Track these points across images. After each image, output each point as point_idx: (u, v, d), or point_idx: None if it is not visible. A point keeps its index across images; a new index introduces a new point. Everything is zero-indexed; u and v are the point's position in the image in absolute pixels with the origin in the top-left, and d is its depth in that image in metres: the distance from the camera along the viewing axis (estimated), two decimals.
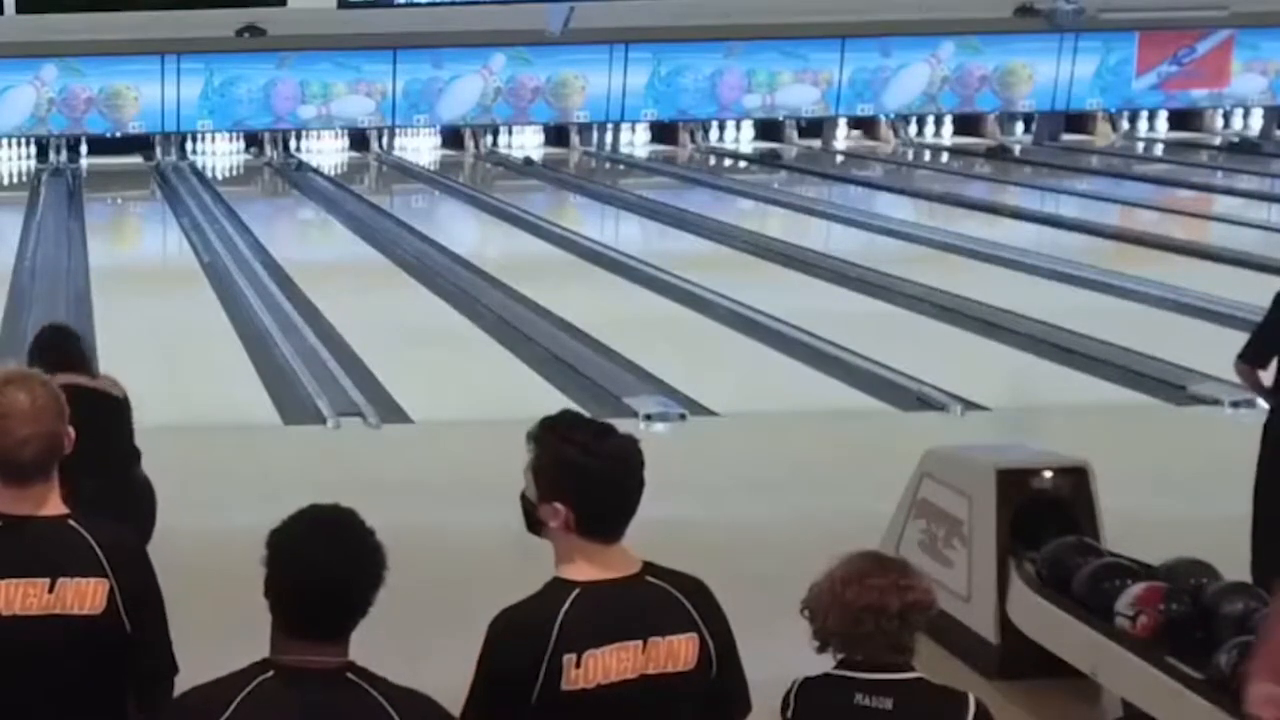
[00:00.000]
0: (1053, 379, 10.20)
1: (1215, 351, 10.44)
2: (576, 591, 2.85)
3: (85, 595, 2.95)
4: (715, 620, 2.94)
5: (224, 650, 4.53)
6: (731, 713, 3.01)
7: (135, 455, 5.66)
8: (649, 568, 2.93)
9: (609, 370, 10.31)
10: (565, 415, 3.01)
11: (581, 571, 2.88)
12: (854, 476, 8.03)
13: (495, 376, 10.43)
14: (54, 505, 3.04)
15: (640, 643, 2.84)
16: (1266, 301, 6.28)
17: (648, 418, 8.98)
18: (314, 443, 8.81)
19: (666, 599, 2.90)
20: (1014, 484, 5.52)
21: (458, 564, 6.69)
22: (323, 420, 9.19)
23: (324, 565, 2.61)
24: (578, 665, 2.80)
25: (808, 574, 3.21)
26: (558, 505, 2.88)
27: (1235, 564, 5.01)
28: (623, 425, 3.00)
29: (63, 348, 5.48)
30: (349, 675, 2.62)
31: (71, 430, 3.08)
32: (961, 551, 5.59)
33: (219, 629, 4.63)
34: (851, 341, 10.54)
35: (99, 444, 4.83)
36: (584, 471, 2.86)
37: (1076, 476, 5.54)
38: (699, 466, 7.87)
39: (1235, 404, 9.33)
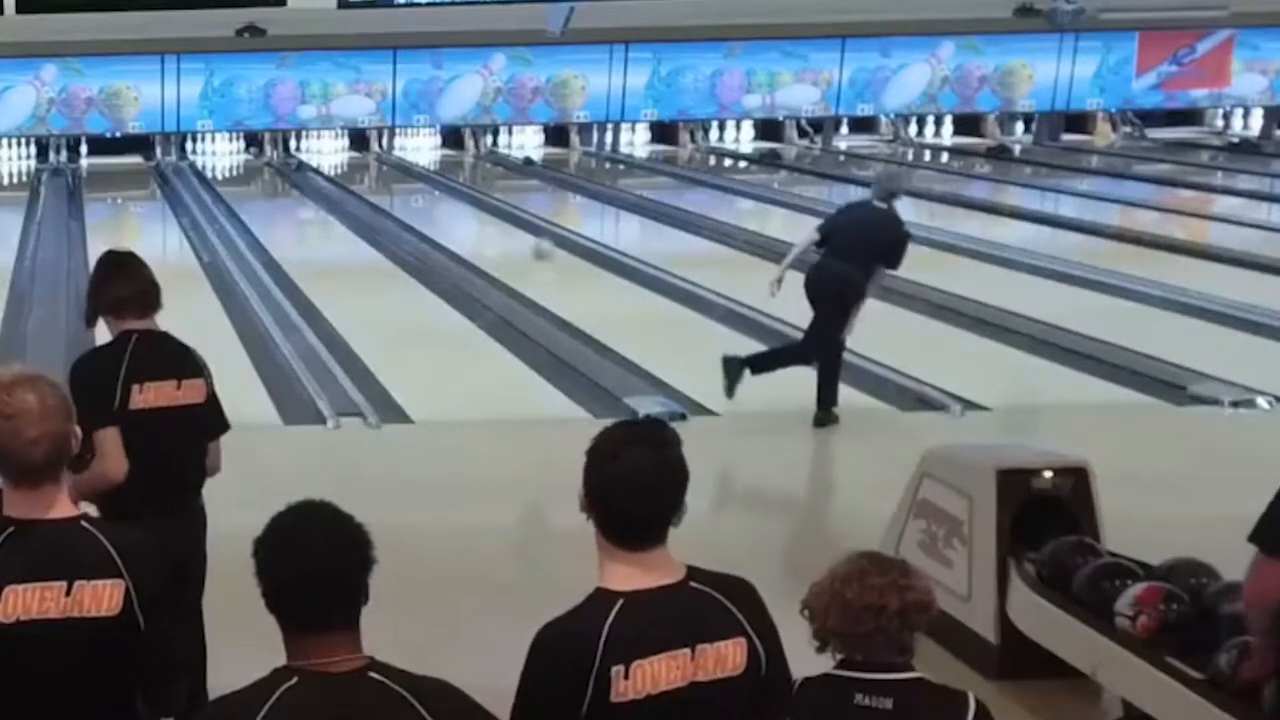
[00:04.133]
0: (1053, 379, 10.20)
1: (1215, 351, 10.49)
2: (621, 602, 2.82)
3: (102, 597, 2.95)
4: (762, 621, 2.92)
5: (224, 649, 4.54)
6: (777, 710, 3.00)
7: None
8: (693, 573, 2.91)
9: (609, 370, 10.31)
10: (633, 420, 3.02)
11: (622, 580, 2.86)
12: (854, 476, 8.04)
13: (495, 376, 10.43)
14: (64, 507, 3.04)
15: (689, 650, 2.82)
16: (1267, 302, 6.29)
17: (647, 418, 8.97)
18: (314, 443, 8.81)
19: (713, 605, 2.88)
20: (1014, 484, 5.52)
21: (457, 564, 6.69)
22: (323, 420, 9.20)
23: (313, 555, 2.60)
24: (626, 676, 2.78)
25: (807, 573, 3.20)
26: (587, 501, 2.89)
27: (1235, 564, 5.00)
28: None
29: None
30: (371, 674, 2.61)
31: (78, 430, 3.07)
32: (961, 551, 5.59)
33: (219, 629, 4.64)
34: (852, 341, 10.53)
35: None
36: (603, 475, 2.86)
37: (1076, 476, 5.54)
38: (699, 466, 7.85)
39: (1235, 404, 9.34)
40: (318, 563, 2.60)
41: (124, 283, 4.65)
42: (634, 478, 2.85)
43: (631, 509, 2.86)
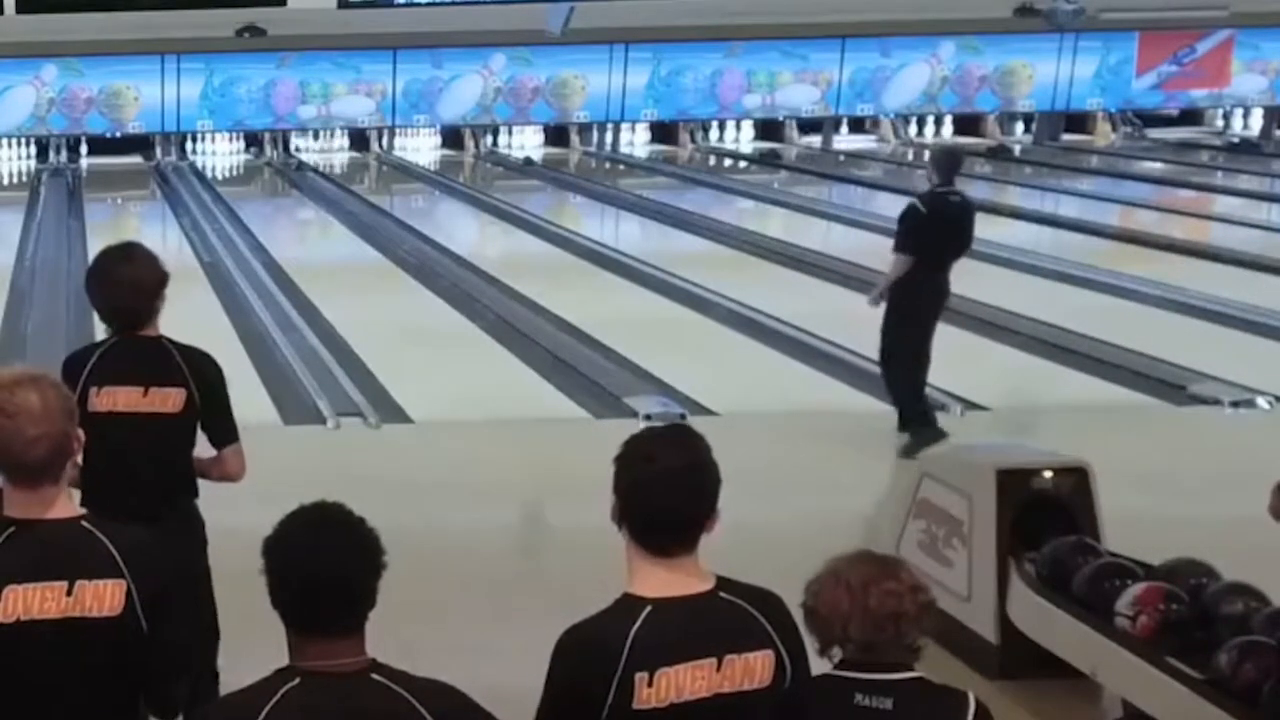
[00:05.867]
0: (1053, 379, 10.20)
1: (1215, 351, 10.48)
2: (649, 609, 2.81)
3: (104, 597, 2.95)
4: (789, 633, 2.92)
5: (224, 649, 4.54)
6: None
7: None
8: (723, 583, 2.91)
9: (609, 370, 10.31)
10: (665, 426, 3.00)
11: (650, 586, 2.85)
12: (854, 476, 8.04)
13: (495, 376, 10.43)
14: (64, 507, 3.04)
15: (715, 660, 2.82)
16: (1267, 302, 6.29)
17: (648, 418, 8.95)
18: (314, 443, 8.81)
19: (741, 615, 2.88)
20: (1014, 484, 5.53)
21: (457, 564, 6.69)
22: (323, 420, 9.20)
23: (326, 560, 2.61)
24: (650, 684, 2.77)
25: (807, 574, 3.20)
26: (617, 505, 2.89)
27: (1235, 564, 5.01)
28: (623, 425, 2.99)
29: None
30: (374, 676, 2.62)
31: (80, 432, 3.06)
32: (961, 551, 5.59)
33: (219, 628, 4.63)
34: (851, 341, 10.53)
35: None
36: (633, 478, 2.86)
37: (1076, 476, 5.54)
38: None
39: (1235, 404, 9.34)
40: (328, 566, 2.61)
41: (100, 296, 4.50)
42: (664, 481, 2.84)
43: (661, 512, 2.85)
